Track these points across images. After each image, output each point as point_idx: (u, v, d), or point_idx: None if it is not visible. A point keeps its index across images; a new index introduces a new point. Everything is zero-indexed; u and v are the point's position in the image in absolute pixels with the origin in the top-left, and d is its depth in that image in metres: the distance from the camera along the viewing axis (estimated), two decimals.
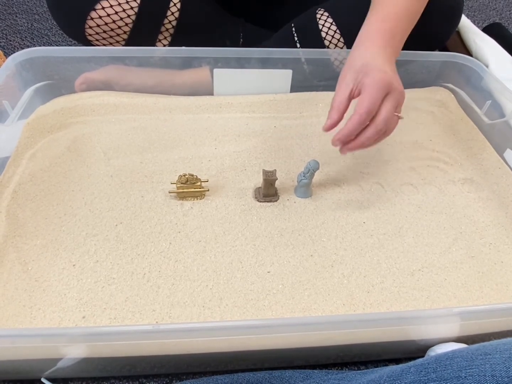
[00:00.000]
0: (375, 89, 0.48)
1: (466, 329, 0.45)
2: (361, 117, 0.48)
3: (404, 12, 0.56)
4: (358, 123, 0.48)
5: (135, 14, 0.70)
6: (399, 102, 0.50)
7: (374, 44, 0.53)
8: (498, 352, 0.33)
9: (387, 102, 0.49)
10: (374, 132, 0.49)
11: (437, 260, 0.53)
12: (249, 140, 0.69)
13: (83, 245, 0.52)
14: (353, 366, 0.51)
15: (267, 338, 0.42)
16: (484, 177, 0.65)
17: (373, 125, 0.49)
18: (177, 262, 0.51)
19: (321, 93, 0.78)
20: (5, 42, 1.00)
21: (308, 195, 0.60)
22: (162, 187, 0.60)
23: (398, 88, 0.49)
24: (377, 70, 0.49)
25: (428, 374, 0.34)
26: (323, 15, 0.73)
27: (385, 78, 0.49)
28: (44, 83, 0.72)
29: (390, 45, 0.53)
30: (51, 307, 0.46)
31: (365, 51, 0.53)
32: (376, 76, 0.49)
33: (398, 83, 0.50)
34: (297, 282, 0.50)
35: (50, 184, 0.60)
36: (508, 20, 1.25)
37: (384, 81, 0.48)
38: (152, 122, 0.71)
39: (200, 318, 0.46)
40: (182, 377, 0.49)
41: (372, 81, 0.48)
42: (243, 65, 0.73)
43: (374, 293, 0.50)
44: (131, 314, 0.46)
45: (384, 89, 0.49)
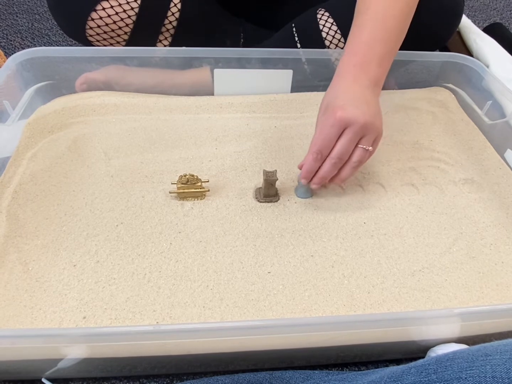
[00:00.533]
0: (327, 127, 0.51)
1: (467, 329, 0.46)
2: (313, 156, 0.52)
3: (379, 35, 0.54)
4: (311, 161, 0.53)
5: (136, 15, 0.70)
6: (363, 134, 0.51)
7: (343, 80, 0.53)
8: (499, 353, 0.33)
9: (343, 137, 0.51)
10: (329, 166, 0.53)
11: (438, 261, 0.53)
12: (250, 140, 0.69)
13: (83, 246, 0.53)
14: (354, 366, 0.51)
15: (268, 338, 0.42)
16: (484, 178, 0.65)
17: (327, 159, 0.52)
18: (177, 262, 0.52)
19: (321, 93, 0.77)
20: (5, 42, 1.00)
21: (309, 195, 0.60)
22: (162, 187, 0.60)
23: (359, 121, 0.49)
24: (332, 108, 0.51)
25: (429, 375, 0.34)
26: (324, 15, 0.73)
27: (340, 114, 0.49)
28: (45, 83, 0.72)
29: (363, 75, 0.53)
30: (52, 308, 0.46)
31: (332, 91, 0.54)
32: (330, 114, 0.50)
33: (362, 115, 0.49)
34: (297, 282, 0.50)
35: (50, 184, 0.60)
36: (509, 20, 1.25)
37: (337, 118, 0.49)
38: (153, 122, 0.71)
39: (201, 318, 0.46)
40: (183, 378, 0.49)
41: (325, 120, 0.51)
42: (244, 65, 0.73)
43: (374, 293, 0.50)
44: (131, 315, 0.46)
45: (339, 125, 0.50)
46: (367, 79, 0.53)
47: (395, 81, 0.81)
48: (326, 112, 0.52)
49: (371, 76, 0.53)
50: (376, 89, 0.54)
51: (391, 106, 0.76)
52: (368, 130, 0.51)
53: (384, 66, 0.55)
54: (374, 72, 0.54)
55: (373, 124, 0.51)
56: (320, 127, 0.52)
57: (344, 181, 0.55)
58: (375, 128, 0.51)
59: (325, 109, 0.52)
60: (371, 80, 0.53)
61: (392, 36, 0.56)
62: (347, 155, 0.52)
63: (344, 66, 0.55)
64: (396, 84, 0.81)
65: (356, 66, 0.53)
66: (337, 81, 0.54)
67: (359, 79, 0.53)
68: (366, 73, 0.53)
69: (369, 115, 0.50)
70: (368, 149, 0.52)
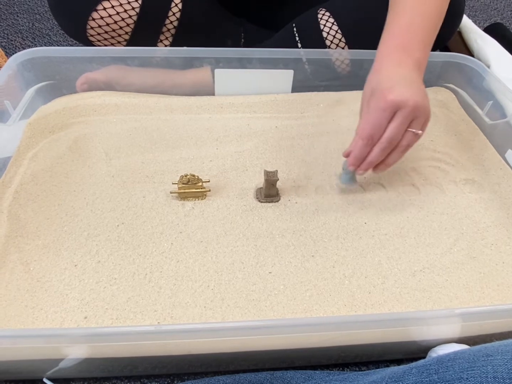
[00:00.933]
0: (377, 111, 0.49)
1: (468, 330, 0.46)
2: (363, 141, 0.51)
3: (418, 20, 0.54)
4: (361, 147, 0.51)
5: (137, 14, 0.70)
6: (414, 117, 0.50)
7: (387, 63, 0.52)
8: (500, 354, 0.33)
9: (394, 121, 0.49)
10: (379, 151, 0.51)
11: (439, 261, 0.53)
12: (251, 140, 0.69)
13: (84, 246, 0.53)
14: (355, 366, 0.51)
15: (269, 338, 0.42)
16: (485, 178, 0.65)
17: (377, 144, 0.51)
18: (178, 262, 0.52)
19: (322, 93, 0.78)
20: (6, 42, 1.00)
21: (354, 182, 0.59)
22: (163, 188, 0.60)
23: (410, 103, 0.48)
24: (381, 92, 0.49)
25: (430, 375, 0.34)
26: (325, 15, 0.73)
27: (391, 97, 0.48)
28: (46, 83, 0.72)
29: (407, 57, 0.52)
30: (53, 308, 0.46)
31: (377, 75, 0.52)
32: (380, 97, 0.49)
33: (412, 97, 0.48)
34: (298, 282, 0.50)
35: (51, 184, 0.60)
36: (510, 20, 1.24)
37: (389, 101, 0.48)
38: (154, 122, 0.71)
39: (202, 318, 0.46)
40: (184, 378, 0.49)
41: (375, 103, 0.49)
42: (244, 65, 0.73)
43: (375, 293, 0.50)
44: (132, 315, 0.46)
45: (390, 109, 0.48)
46: (411, 61, 0.52)
47: None
48: (374, 96, 0.50)
49: (415, 59, 0.53)
50: (420, 72, 0.53)
51: None
52: (419, 113, 0.49)
53: (426, 50, 0.54)
54: (417, 55, 0.53)
55: (424, 107, 0.50)
56: (369, 111, 0.50)
57: (390, 166, 0.54)
58: (425, 110, 0.50)
59: (372, 93, 0.51)
60: (414, 63, 0.52)
61: (432, 21, 0.55)
62: (398, 139, 0.51)
63: (386, 49, 0.54)
64: None
65: (398, 48, 0.53)
66: (380, 65, 0.53)
67: (403, 61, 0.52)
68: (410, 55, 0.52)
69: (419, 97, 0.49)
70: (418, 133, 0.51)
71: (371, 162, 0.52)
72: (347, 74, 0.76)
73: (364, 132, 0.50)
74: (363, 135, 0.51)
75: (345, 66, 0.75)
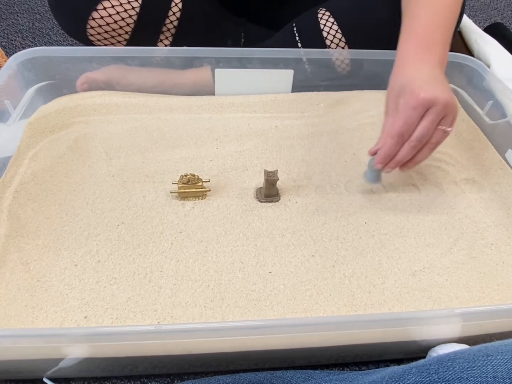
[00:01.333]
0: (408, 109, 0.49)
1: (468, 330, 0.46)
2: (393, 140, 0.51)
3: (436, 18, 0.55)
4: (390, 145, 0.51)
5: (137, 14, 0.70)
6: (445, 114, 0.50)
7: (411, 62, 0.53)
8: (500, 353, 0.33)
9: (425, 119, 0.50)
10: (409, 149, 0.51)
11: (439, 261, 0.53)
12: (251, 140, 0.69)
13: (85, 245, 0.53)
14: (355, 366, 0.51)
15: (269, 338, 0.42)
16: (485, 178, 0.65)
17: (407, 143, 0.51)
18: (178, 262, 0.52)
19: (322, 93, 0.78)
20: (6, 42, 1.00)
21: (380, 180, 0.59)
22: (163, 187, 0.60)
23: (441, 101, 0.48)
24: (411, 91, 0.49)
25: (430, 375, 0.34)
26: (325, 15, 0.73)
27: (423, 95, 0.48)
28: (46, 83, 0.72)
29: (430, 56, 0.53)
30: (53, 307, 0.46)
31: (402, 74, 0.53)
32: (410, 96, 0.49)
33: (442, 95, 0.49)
34: (298, 282, 0.50)
35: (51, 184, 0.60)
36: (510, 20, 1.24)
37: (420, 99, 0.48)
38: (154, 122, 0.71)
39: (202, 318, 0.46)
40: (184, 377, 0.49)
41: (406, 102, 0.50)
42: (245, 65, 0.73)
43: (375, 293, 0.50)
44: (132, 314, 0.46)
45: (421, 107, 0.49)
46: (433, 59, 0.53)
47: None
48: (404, 95, 0.50)
49: (437, 56, 0.53)
50: (442, 70, 0.54)
51: None
52: (449, 110, 0.50)
53: (446, 47, 0.55)
54: (439, 52, 0.53)
55: (453, 104, 0.50)
56: (399, 109, 0.51)
57: (418, 164, 0.54)
58: (455, 108, 0.51)
59: (400, 92, 0.51)
60: (437, 60, 0.53)
61: (449, 17, 0.56)
62: (428, 137, 0.51)
63: (407, 48, 0.54)
64: None
65: (421, 47, 0.53)
66: (404, 64, 0.54)
67: (427, 59, 0.53)
68: (432, 53, 0.53)
69: (449, 95, 0.49)
70: (448, 130, 0.51)
71: (400, 160, 0.52)
72: (347, 73, 0.76)
73: (395, 130, 0.50)
74: (393, 133, 0.51)
75: (345, 65, 0.75)
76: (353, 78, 0.77)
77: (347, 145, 0.69)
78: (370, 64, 0.74)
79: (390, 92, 0.54)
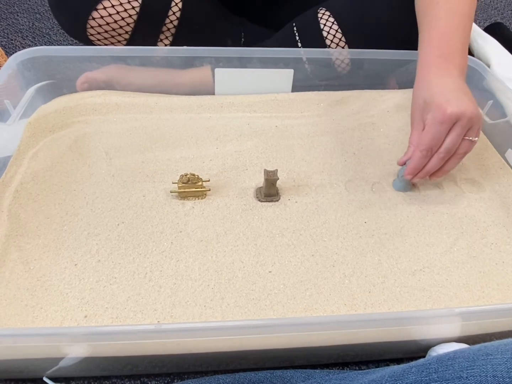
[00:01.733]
0: (436, 124, 0.51)
1: (468, 329, 0.46)
2: (422, 153, 0.53)
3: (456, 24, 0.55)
4: (419, 158, 0.54)
5: (137, 14, 0.70)
6: (471, 126, 0.51)
7: (433, 73, 0.54)
8: (500, 353, 0.33)
9: (452, 132, 0.51)
10: (437, 161, 0.54)
11: (439, 260, 0.53)
12: (251, 139, 0.69)
13: (85, 245, 0.53)
14: (354, 366, 0.51)
15: (269, 338, 0.42)
16: (485, 177, 0.65)
17: (436, 155, 0.53)
18: (178, 261, 0.52)
19: (322, 93, 0.78)
20: (6, 41, 1.00)
21: (409, 189, 0.61)
22: (163, 187, 0.60)
23: (467, 114, 0.50)
24: (438, 105, 0.51)
25: (430, 374, 0.34)
26: (325, 15, 0.73)
27: (450, 110, 0.49)
28: (46, 83, 0.72)
29: (451, 66, 0.54)
30: (53, 307, 0.46)
31: (427, 86, 0.53)
32: (438, 111, 0.50)
33: (468, 108, 0.50)
34: (298, 282, 0.50)
35: (52, 183, 0.60)
36: (510, 20, 1.24)
37: (448, 114, 0.50)
38: (154, 121, 0.71)
39: (202, 317, 0.46)
40: (184, 377, 0.49)
41: (433, 117, 0.51)
42: (245, 64, 0.73)
43: (375, 293, 0.50)
44: (132, 314, 0.46)
45: (449, 121, 0.50)
46: (455, 69, 0.53)
47: (396, 81, 0.81)
48: (430, 109, 0.52)
49: (458, 66, 0.54)
50: (463, 78, 0.55)
51: (391, 106, 0.76)
52: (475, 122, 0.51)
53: (465, 54, 0.56)
54: (459, 61, 0.54)
55: (478, 115, 0.51)
56: (427, 124, 0.52)
57: (447, 173, 0.56)
58: (480, 118, 0.52)
59: (425, 106, 0.52)
60: (458, 70, 0.54)
61: (467, 22, 0.56)
62: (455, 148, 0.53)
63: (428, 58, 0.55)
64: (396, 84, 0.81)
65: (441, 57, 0.54)
66: (426, 75, 0.54)
67: (448, 70, 0.53)
68: (453, 63, 0.54)
69: (474, 107, 0.51)
70: (474, 140, 0.53)
71: (429, 171, 0.55)
72: (347, 73, 0.76)
73: (423, 144, 0.52)
74: (422, 147, 0.53)
75: (345, 65, 0.75)
76: (353, 77, 0.77)
77: (347, 144, 0.69)
78: (370, 63, 0.74)
79: (414, 105, 0.55)
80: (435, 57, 0.54)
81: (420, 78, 0.55)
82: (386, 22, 0.69)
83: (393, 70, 0.77)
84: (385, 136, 0.71)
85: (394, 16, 0.69)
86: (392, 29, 0.70)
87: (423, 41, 0.57)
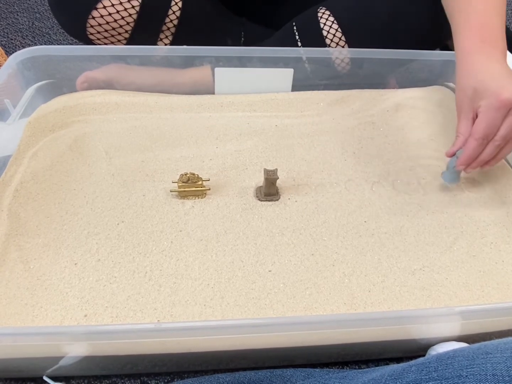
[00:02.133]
0: (491, 112, 0.50)
1: (467, 328, 0.46)
2: (477, 142, 0.52)
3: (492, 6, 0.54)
4: (474, 147, 0.52)
5: (137, 13, 0.70)
6: None
7: (479, 59, 0.53)
8: (499, 352, 0.33)
9: (508, 117, 0.50)
10: (493, 149, 0.52)
11: (438, 259, 0.53)
12: (251, 139, 0.69)
13: (84, 244, 0.53)
14: (354, 365, 0.51)
15: (268, 337, 0.43)
16: (485, 177, 0.65)
17: (491, 143, 0.52)
18: (178, 261, 0.52)
19: (322, 92, 0.78)
20: (6, 41, 1.00)
21: (458, 180, 0.61)
22: (163, 186, 0.60)
23: None
24: (492, 92, 0.50)
25: (430, 373, 0.34)
26: (325, 14, 0.73)
27: (505, 96, 0.49)
28: (46, 82, 0.72)
29: (495, 50, 0.53)
30: (53, 306, 0.47)
31: (475, 74, 0.52)
32: (492, 97, 0.50)
33: None
34: (298, 281, 0.50)
35: (51, 182, 0.60)
36: (510, 20, 1.24)
37: (503, 100, 0.49)
38: (154, 121, 0.71)
39: (202, 316, 0.46)
40: (184, 376, 0.49)
41: (488, 104, 0.50)
42: (245, 64, 0.73)
43: (375, 292, 0.50)
44: (132, 313, 0.46)
45: (504, 108, 0.49)
46: (498, 53, 0.53)
47: (396, 81, 0.81)
48: (483, 97, 0.51)
49: (500, 50, 0.53)
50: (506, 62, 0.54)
51: (391, 105, 0.76)
52: None
53: (504, 38, 0.55)
54: (501, 45, 0.54)
55: None
56: (481, 111, 0.51)
57: (499, 161, 0.55)
58: None
59: (476, 94, 0.51)
60: (501, 54, 0.53)
61: (502, 6, 0.56)
62: (511, 135, 0.52)
63: (470, 45, 0.54)
64: (396, 84, 0.81)
65: (484, 42, 0.53)
66: (471, 63, 0.53)
67: (494, 55, 0.53)
68: (495, 47, 0.53)
69: None
70: None
71: (484, 160, 0.54)
72: (347, 72, 0.76)
73: (479, 132, 0.51)
74: (477, 135, 0.51)
75: (345, 64, 0.75)
76: (353, 77, 0.77)
77: (347, 144, 0.69)
78: (370, 63, 0.74)
79: (461, 95, 0.54)
80: (478, 43, 0.53)
81: (464, 66, 0.54)
82: (386, 21, 0.69)
83: (393, 69, 0.77)
84: (385, 136, 0.71)
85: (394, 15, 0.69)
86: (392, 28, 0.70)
87: (460, 28, 0.56)
